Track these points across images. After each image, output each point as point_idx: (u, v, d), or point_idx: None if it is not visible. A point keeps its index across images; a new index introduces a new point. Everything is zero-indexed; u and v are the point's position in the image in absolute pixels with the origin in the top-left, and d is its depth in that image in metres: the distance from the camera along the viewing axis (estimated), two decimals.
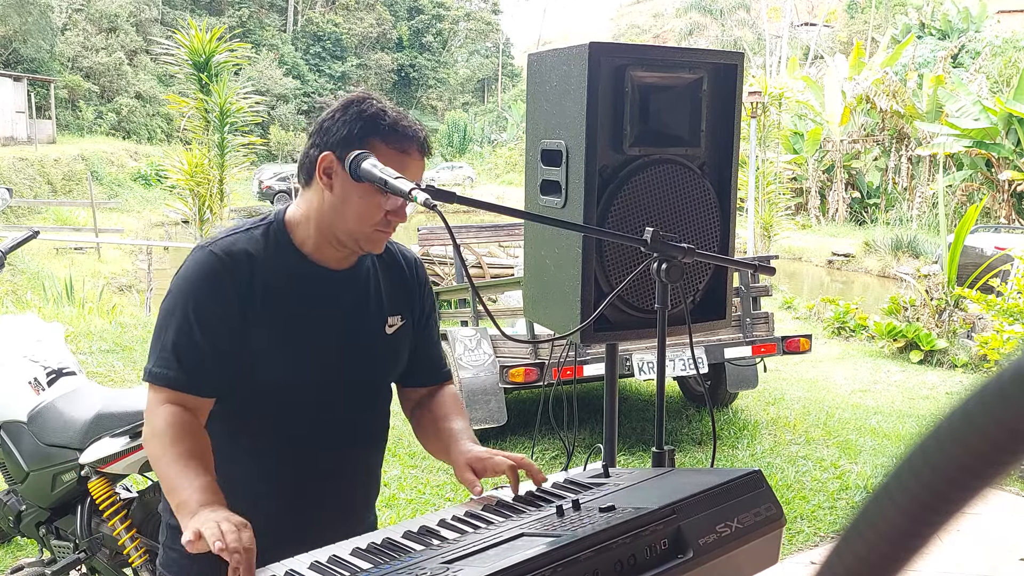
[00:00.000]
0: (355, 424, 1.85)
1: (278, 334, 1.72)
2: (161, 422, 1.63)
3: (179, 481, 1.56)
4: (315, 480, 1.80)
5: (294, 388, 1.76)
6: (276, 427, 1.76)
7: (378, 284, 1.87)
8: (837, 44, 46.47)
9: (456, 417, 1.93)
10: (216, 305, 1.68)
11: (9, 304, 9.67)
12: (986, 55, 24.30)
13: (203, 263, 1.70)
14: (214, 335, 1.68)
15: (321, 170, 1.72)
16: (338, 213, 1.72)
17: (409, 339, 1.93)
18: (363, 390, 1.85)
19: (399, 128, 1.71)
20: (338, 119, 1.72)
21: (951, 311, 9.02)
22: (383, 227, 1.73)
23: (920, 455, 0.36)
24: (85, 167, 29.34)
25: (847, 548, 0.40)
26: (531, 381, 5.21)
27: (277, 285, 1.73)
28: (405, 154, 1.71)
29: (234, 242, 1.73)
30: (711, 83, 2.24)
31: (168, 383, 1.67)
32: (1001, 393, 0.34)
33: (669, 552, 1.35)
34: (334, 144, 1.71)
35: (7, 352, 3.32)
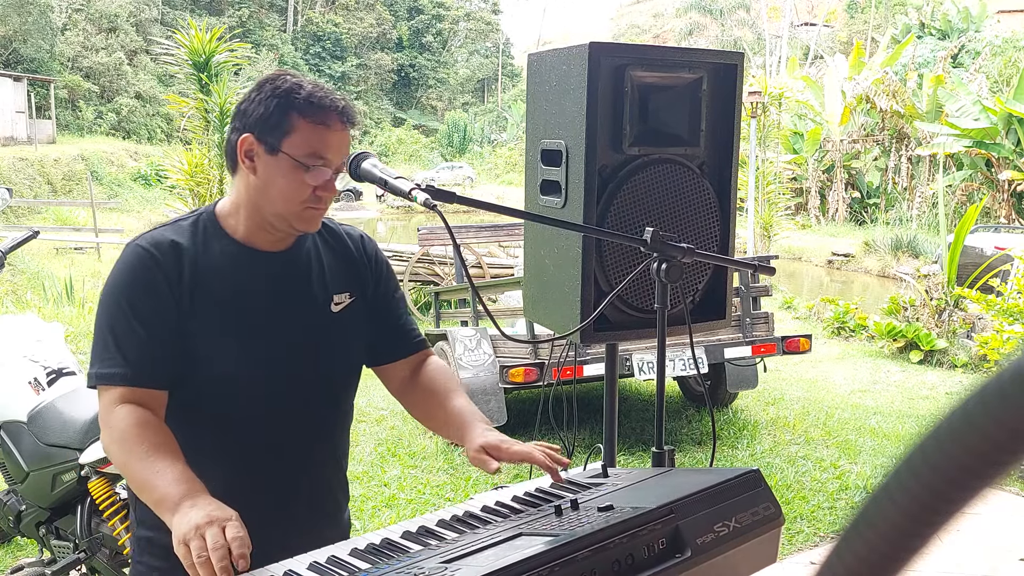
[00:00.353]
0: (312, 410, 1.79)
1: (216, 322, 1.69)
2: (119, 423, 1.59)
3: (152, 478, 1.52)
4: (274, 474, 1.75)
5: (239, 376, 1.71)
6: (226, 419, 1.72)
7: (320, 262, 1.82)
8: (837, 44, 46.48)
9: (457, 395, 1.87)
10: (150, 297, 1.65)
11: (9, 304, 9.67)
12: (986, 55, 24.30)
13: (132, 258, 1.67)
14: (154, 326, 1.64)
15: (243, 153, 1.68)
16: (264, 195, 1.68)
17: (362, 316, 1.86)
18: (315, 373, 1.79)
19: (315, 99, 1.66)
20: (254, 99, 1.68)
21: (951, 311, 9.02)
22: (313, 204, 1.68)
23: (920, 455, 0.36)
24: (85, 167, 29.33)
25: (847, 548, 0.40)
26: (531, 381, 5.21)
27: (209, 273, 1.69)
28: (325, 126, 1.66)
29: (162, 234, 1.70)
30: (711, 83, 2.24)
31: (119, 381, 1.62)
32: (1001, 393, 0.34)
33: (667, 551, 1.35)
34: (252, 125, 1.67)
35: (7, 352, 3.32)
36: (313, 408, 1.79)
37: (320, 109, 1.66)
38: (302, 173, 1.65)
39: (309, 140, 1.65)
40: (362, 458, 5.38)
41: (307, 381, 1.78)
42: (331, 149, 1.67)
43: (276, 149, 1.66)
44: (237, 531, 1.40)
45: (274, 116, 1.65)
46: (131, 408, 1.60)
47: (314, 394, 1.79)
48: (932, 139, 20.56)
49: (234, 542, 1.38)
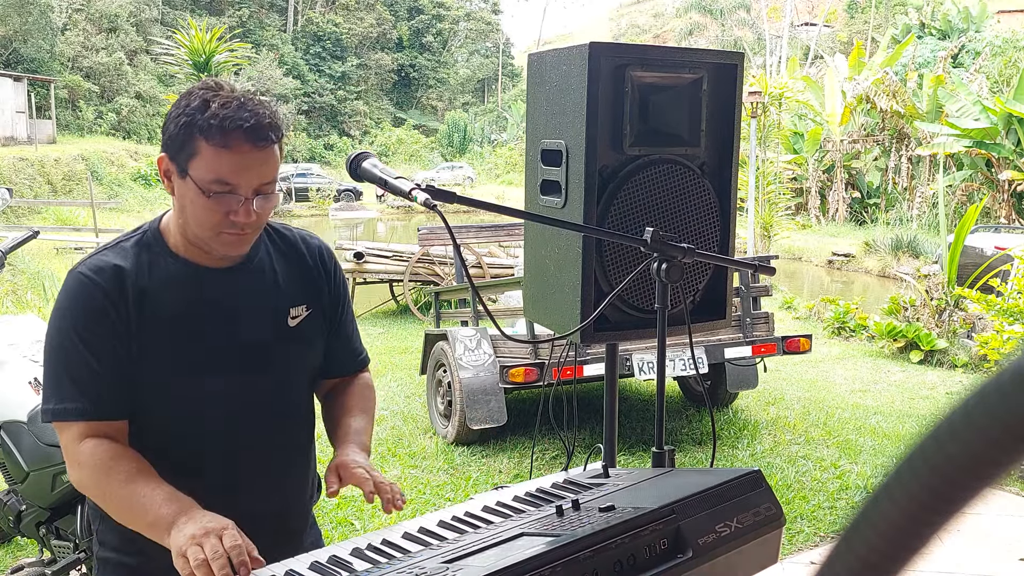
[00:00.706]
0: (270, 426, 1.74)
1: (166, 343, 1.62)
2: (88, 459, 1.55)
3: (139, 502, 1.50)
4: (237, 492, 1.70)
5: (199, 397, 1.66)
6: (188, 439, 1.67)
7: (275, 274, 1.75)
8: (837, 44, 46.48)
9: (358, 413, 1.84)
10: (98, 326, 1.59)
11: (9, 304, 9.67)
12: (986, 55, 24.30)
13: (75, 287, 1.61)
14: (106, 356, 1.59)
15: (162, 173, 1.63)
16: (183, 215, 1.62)
17: (321, 330, 1.81)
18: (274, 389, 1.74)
19: (217, 120, 1.53)
20: (171, 116, 1.60)
21: (951, 311, 9.02)
22: (227, 229, 1.59)
23: (920, 455, 0.36)
24: (85, 167, 29.34)
25: (847, 548, 0.40)
26: (531, 381, 5.21)
27: (156, 293, 1.63)
28: (227, 149, 1.54)
29: (103, 258, 1.64)
30: (711, 83, 2.24)
31: (76, 416, 1.57)
32: (1001, 393, 0.34)
33: (668, 552, 1.35)
34: (165, 145, 1.60)
35: (7, 352, 3.32)
36: (275, 421, 1.76)
37: (222, 132, 1.53)
38: (208, 200, 1.56)
39: (211, 165, 1.55)
40: None
41: (266, 396, 1.73)
42: (237, 174, 1.55)
43: (185, 172, 1.58)
44: (235, 539, 1.39)
45: (181, 137, 1.57)
46: (97, 441, 1.57)
47: (274, 409, 1.75)
48: (932, 139, 20.55)
49: (233, 550, 1.38)
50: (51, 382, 1.61)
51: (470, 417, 5.38)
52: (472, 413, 5.38)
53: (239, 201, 1.57)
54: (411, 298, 11.20)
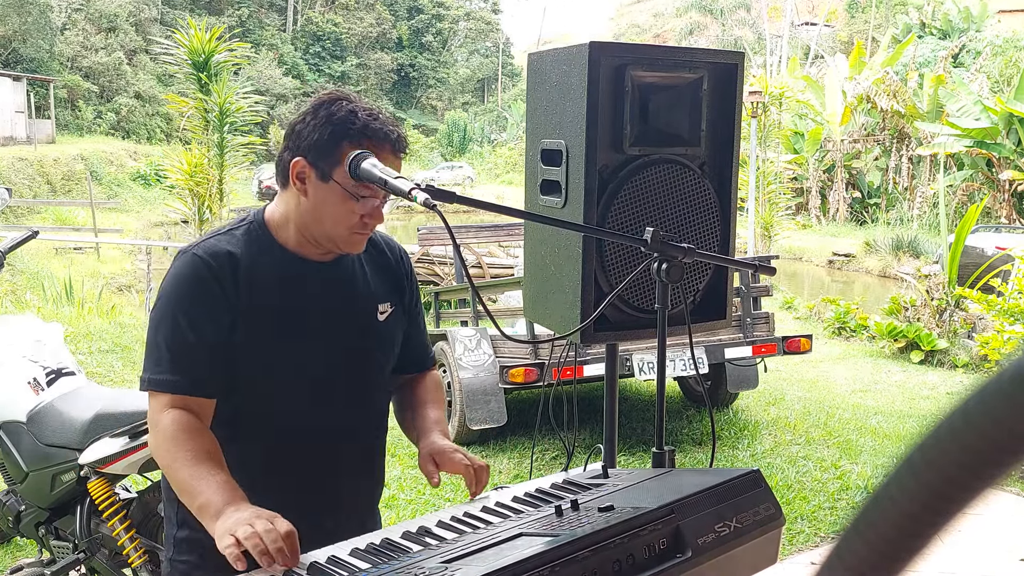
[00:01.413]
0: (354, 416, 1.84)
1: (270, 330, 1.72)
2: (166, 428, 1.63)
3: (196, 483, 1.56)
4: (317, 477, 1.79)
5: (291, 383, 1.75)
6: (275, 424, 1.76)
7: (364, 272, 1.86)
8: (838, 44, 46.49)
9: (434, 405, 1.96)
10: (205, 307, 1.68)
11: (8, 304, 9.67)
12: (987, 55, 24.30)
13: (188, 267, 1.70)
14: (207, 336, 1.67)
15: (294, 175, 1.71)
16: (313, 217, 1.72)
17: (401, 326, 1.92)
18: (360, 379, 1.84)
19: (369, 131, 1.68)
20: (309, 123, 1.70)
21: (952, 311, 9.02)
22: (360, 230, 1.73)
23: (920, 455, 0.36)
24: (84, 167, 29.34)
25: (847, 548, 0.40)
26: (531, 381, 5.21)
27: (264, 282, 1.72)
28: (378, 156, 1.67)
29: (216, 243, 1.73)
30: (711, 83, 2.24)
31: (168, 388, 1.66)
32: (1001, 393, 0.33)
33: (668, 552, 1.35)
34: (305, 149, 1.69)
35: (6, 352, 3.32)
36: (358, 412, 1.85)
37: (372, 136, 1.68)
38: (352, 202, 1.68)
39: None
40: None
41: (355, 387, 1.83)
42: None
43: (328, 177, 1.68)
44: (287, 525, 1.44)
45: (327, 144, 1.67)
46: (178, 414, 1.64)
47: (360, 399, 1.85)
48: (933, 139, 20.55)
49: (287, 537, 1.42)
50: (151, 352, 1.70)
51: (470, 417, 5.38)
52: (472, 413, 5.38)
53: (376, 204, 1.70)
54: None
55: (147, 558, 3.01)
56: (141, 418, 2.90)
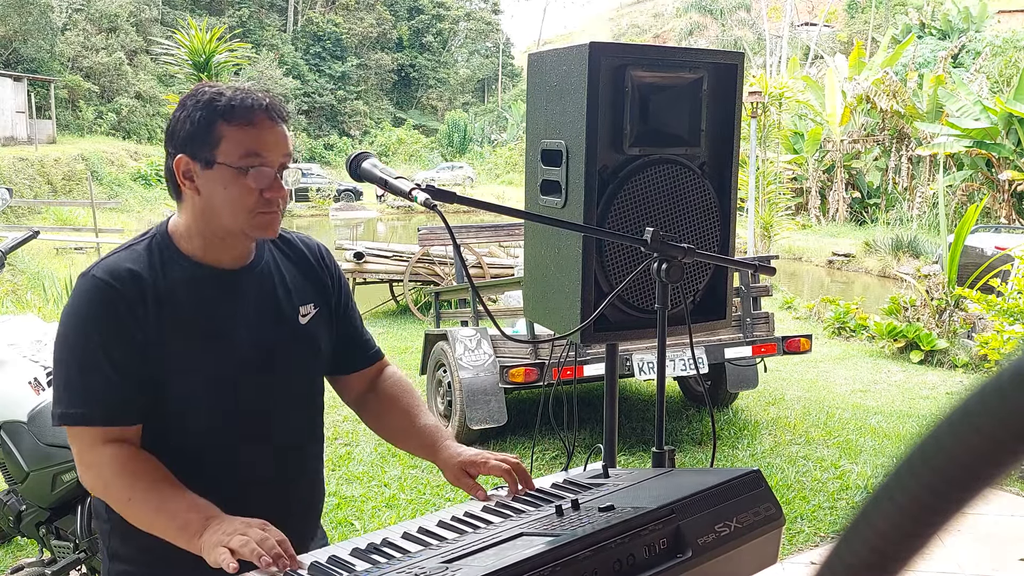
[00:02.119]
0: (283, 424, 1.76)
1: (185, 344, 1.63)
2: (108, 465, 1.56)
3: (166, 508, 1.51)
4: (247, 487, 1.71)
5: (214, 396, 1.67)
6: (203, 440, 1.68)
7: (282, 275, 1.78)
8: (837, 44, 46.50)
9: (419, 411, 1.90)
10: (114, 330, 1.59)
11: (9, 304, 9.67)
12: (986, 55, 24.29)
13: (91, 290, 1.60)
14: (120, 361, 1.59)
15: (181, 176, 1.64)
16: (212, 212, 1.64)
17: (328, 327, 1.84)
18: (287, 386, 1.76)
19: (236, 102, 1.61)
20: (180, 118, 1.64)
21: (951, 311, 9.02)
22: (263, 208, 1.63)
23: (920, 455, 0.36)
24: (85, 167, 29.34)
25: (847, 548, 0.40)
26: (531, 381, 5.21)
27: (172, 296, 1.64)
28: (252, 125, 1.60)
29: (117, 261, 1.64)
30: (711, 83, 2.24)
31: (89, 421, 1.58)
32: (1001, 393, 0.34)
33: (668, 552, 1.35)
34: (183, 144, 1.63)
35: (7, 352, 3.32)
36: (288, 419, 1.77)
37: (243, 110, 1.61)
38: (242, 178, 1.60)
39: (240, 143, 1.60)
40: (362, 458, 5.38)
41: (281, 394, 1.75)
42: (265, 146, 1.61)
43: (211, 162, 1.61)
44: (279, 533, 1.43)
45: (201, 129, 1.61)
46: (117, 446, 1.57)
47: (288, 406, 1.77)
48: (932, 139, 20.54)
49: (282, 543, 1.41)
50: (62, 385, 1.61)
51: (470, 417, 5.38)
52: (472, 413, 5.38)
53: (270, 175, 1.62)
54: (411, 298, 11.20)
55: None
56: None
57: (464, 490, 1.74)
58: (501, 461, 1.72)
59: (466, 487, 1.73)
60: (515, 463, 1.73)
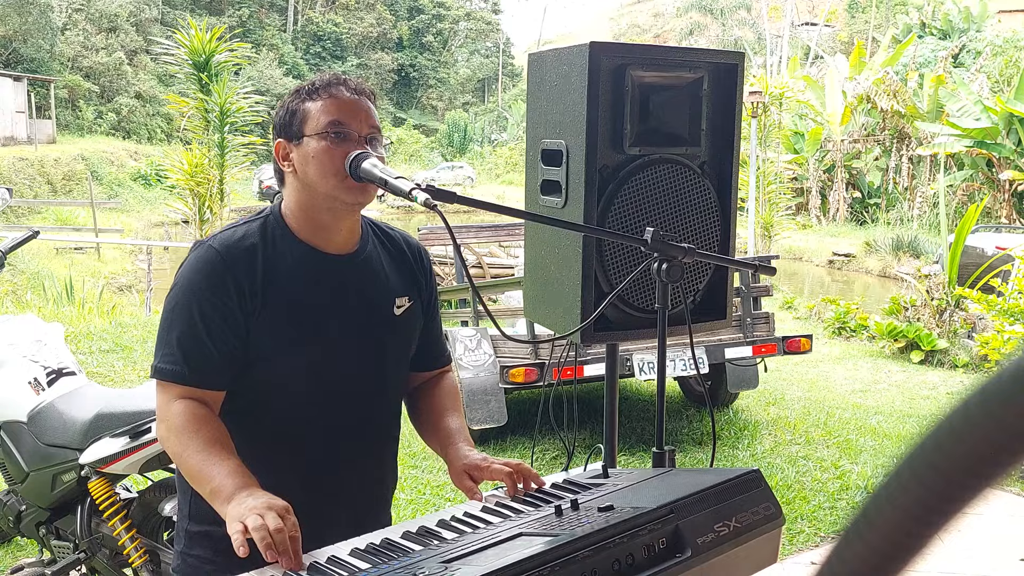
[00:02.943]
0: (370, 410, 1.83)
1: (286, 323, 1.71)
2: (176, 417, 1.64)
3: (207, 469, 1.57)
4: (332, 472, 1.79)
5: (306, 376, 1.74)
6: (290, 418, 1.75)
7: (382, 266, 1.86)
8: (838, 44, 46.50)
9: (454, 414, 1.95)
10: (218, 300, 1.67)
11: (9, 304, 9.68)
12: (987, 55, 24.29)
13: (203, 259, 1.70)
14: (218, 330, 1.67)
15: (280, 158, 1.76)
16: (307, 185, 1.73)
17: (419, 323, 1.92)
18: (376, 373, 1.83)
19: (318, 83, 1.76)
20: (277, 113, 1.80)
21: (952, 311, 9.02)
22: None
23: (920, 455, 0.36)
24: (85, 167, 29.35)
25: (847, 548, 0.40)
26: (531, 381, 5.21)
27: (281, 274, 1.72)
28: (333, 97, 1.73)
29: (233, 235, 1.74)
30: (712, 83, 2.24)
31: (175, 378, 1.67)
32: (1001, 393, 0.33)
33: (667, 551, 1.35)
34: (279, 131, 1.77)
35: (7, 352, 3.32)
36: (373, 406, 1.84)
37: (324, 87, 1.74)
38: (329, 144, 1.69)
39: (323, 114, 1.71)
40: None
41: (369, 381, 1.82)
42: (347, 114, 1.71)
43: (300, 136, 1.72)
44: (294, 519, 1.45)
45: (291, 113, 1.75)
46: (188, 403, 1.65)
47: (375, 393, 1.84)
48: (933, 139, 20.55)
49: (292, 529, 1.43)
50: (161, 340, 1.70)
51: (470, 417, 5.38)
52: (472, 413, 5.38)
53: (355, 141, 1.71)
54: None
55: (147, 558, 3.01)
56: (141, 418, 2.90)
57: (462, 491, 1.77)
58: (503, 465, 1.75)
59: (464, 489, 1.76)
60: (517, 465, 1.74)
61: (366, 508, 1.85)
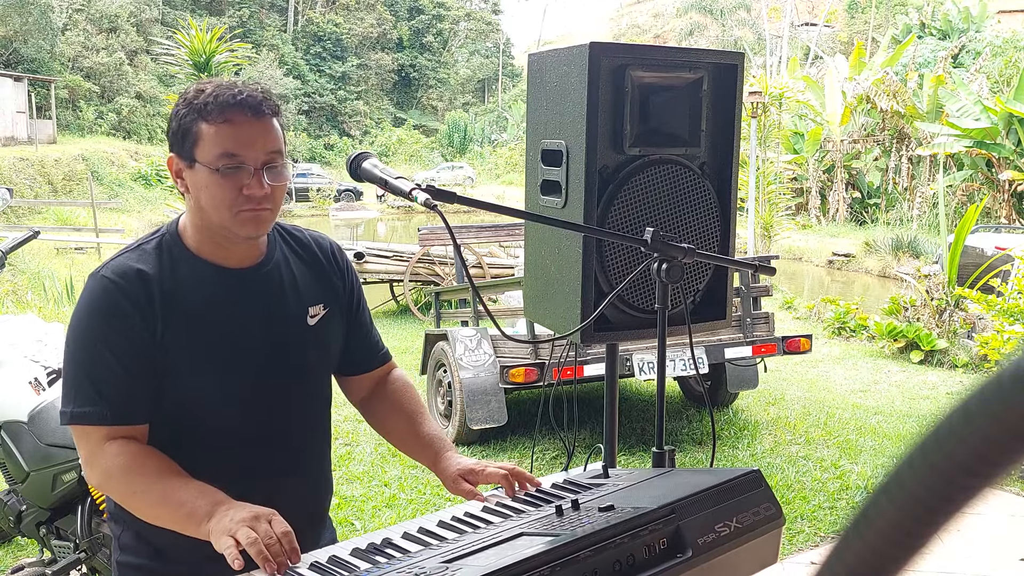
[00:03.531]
0: (293, 425, 1.76)
1: (193, 345, 1.63)
2: (114, 459, 1.56)
3: (172, 497, 1.51)
4: (255, 486, 1.67)
5: (222, 397, 1.66)
6: (210, 440, 1.68)
7: (292, 275, 1.77)
8: (837, 44, 46.50)
9: (423, 419, 1.90)
10: (122, 330, 1.59)
11: (9, 304, 9.67)
12: (986, 55, 24.30)
13: (98, 290, 1.61)
14: (129, 360, 1.59)
15: (174, 175, 1.64)
16: (200, 209, 1.62)
17: (338, 328, 1.83)
18: (295, 388, 1.75)
19: (211, 100, 1.58)
20: (171, 120, 1.64)
21: (951, 311, 9.02)
22: (245, 206, 1.60)
23: (920, 455, 0.36)
24: (86, 167, 29.34)
25: (847, 548, 0.40)
26: (531, 381, 5.21)
27: (181, 296, 1.63)
28: (228, 123, 1.57)
29: (125, 261, 1.64)
30: (711, 83, 2.24)
31: (99, 420, 1.58)
32: (1001, 393, 0.34)
33: (668, 551, 1.35)
34: (172, 143, 1.63)
35: (8, 352, 3.32)
36: (296, 419, 1.77)
37: (219, 108, 1.58)
38: (219, 178, 1.57)
39: (215, 142, 1.57)
40: (362, 458, 5.38)
41: (288, 395, 1.75)
42: (241, 145, 1.58)
43: (192, 160, 1.59)
44: (284, 525, 1.42)
45: (184, 128, 1.60)
46: (120, 443, 1.58)
47: (296, 407, 1.77)
48: (932, 139, 20.54)
49: (284, 536, 1.40)
50: (71, 385, 1.61)
51: (470, 417, 5.38)
52: (472, 413, 5.38)
53: (249, 174, 1.59)
54: (411, 298, 11.20)
55: None
56: None
57: (461, 496, 1.73)
58: (499, 468, 1.73)
59: (463, 493, 1.72)
60: (512, 468, 1.73)
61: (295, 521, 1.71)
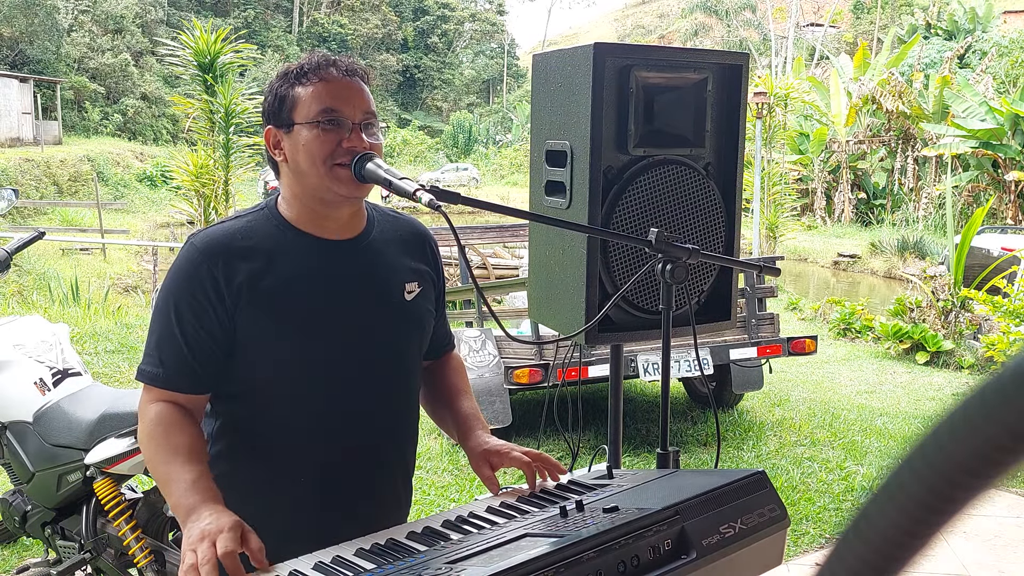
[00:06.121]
0: (381, 404, 1.75)
1: (278, 316, 1.63)
2: (150, 421, 1.61)
3: (169, 482, 1.53)
4: (340, 475, 1.71)
5: (305, 372, 1.67)
6: (290, 418, 1.68)
7: (391, 251, 1.79)
8: (843, 45, 46.41)
9: (466, 395, 1.93)
10: (196, 299, 1.62)
11: (15, 305, 9.70)
12: (992, 55, 24.22)
13: (184, 258, 1.65)
14: (192, 331, 1.62)
15: (271, 146, 1.69)
16: (299, 174, 1.66)
17: (430, 309, 1.85)
18: (388, 362, 1.75)
19: (307, 66, 1.67)
20: (266, 96, 1.72)
21: (957, 312, 9.00)
22: (343, 159, 1.64)
23: (921, 455, 0.36)
24: (91, 168, 29.41)
25: (848, 548, 0.40)
26: (536, 382, 5.21)
27: (276, 266, 1.65)
28: (324, 82, 1.65)
29: (218, 230, 1.67)
30: (716, 84, 2.24)
31: (153, 381, 1.64)
32: (1002, 393, 0.34)
33: (672, 553, 1.35)
34: (268, 117, 1.70)
35: (13, 353, 3.32)
36: (387, 395, 1.76)
37: (313, 70, 1.66)
38: (319, 132, 1.63)
39: (314, 100, 1.64)
40: None
41: (380, 367, 1.74)
42: (338, 99, 1.64)
43: (290, 124, 1.66)
44: (228, 545, 1.38)
45: (279, 98, 1.68)
46: (162, 407, 1.62)
47: (387, 381, 1.76)
48: (938, 140, 20.51)
49: (225, 558, 1.37)
50: (148, 341, 1.68)
51: None
52: None
53: (348, 128, 1.64)
54: None
55: (152, 558, 3.01)
56: None
57: (481, 480, 1.74)
58: (523, 454, 1.72)
59: (484, 477, 1.73)
60: (537, 454, 1.73)
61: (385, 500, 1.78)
